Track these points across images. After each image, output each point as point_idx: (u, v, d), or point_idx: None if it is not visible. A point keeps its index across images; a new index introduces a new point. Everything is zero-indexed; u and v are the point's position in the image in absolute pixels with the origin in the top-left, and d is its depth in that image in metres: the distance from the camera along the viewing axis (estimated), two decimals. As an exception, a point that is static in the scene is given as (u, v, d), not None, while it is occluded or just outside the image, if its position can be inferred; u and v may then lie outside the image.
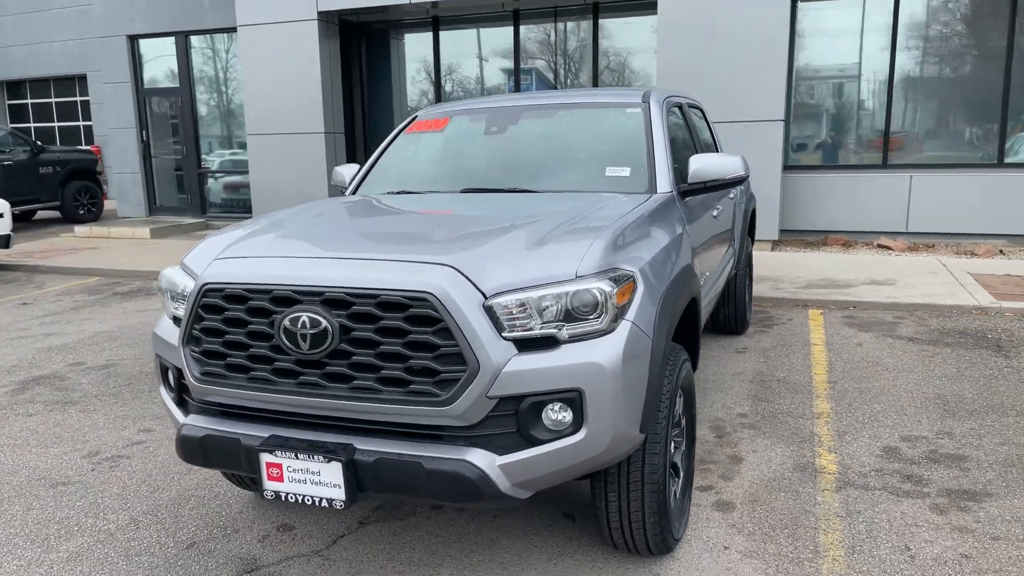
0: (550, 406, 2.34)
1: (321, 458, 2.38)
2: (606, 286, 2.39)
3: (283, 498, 2.47)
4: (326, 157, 11.56)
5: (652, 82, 10.88)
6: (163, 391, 2.93)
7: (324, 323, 2.35)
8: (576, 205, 3.09)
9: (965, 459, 3.75)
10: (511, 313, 2.34)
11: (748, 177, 3.63)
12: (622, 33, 11.29)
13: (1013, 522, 3.14)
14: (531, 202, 3.27)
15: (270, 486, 2.48)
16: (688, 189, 3.59)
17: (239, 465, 2.55)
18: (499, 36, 11.89)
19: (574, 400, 2.34)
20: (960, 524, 3.14)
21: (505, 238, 2.60)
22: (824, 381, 4.94)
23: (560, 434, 2.36)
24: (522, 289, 2.36)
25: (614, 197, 3.29)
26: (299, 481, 2.44)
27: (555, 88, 11.76)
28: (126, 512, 3.45)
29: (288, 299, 2.43)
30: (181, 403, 2.84)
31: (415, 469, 2.31)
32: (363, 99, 12.79)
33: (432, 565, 2.96)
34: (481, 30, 12.07)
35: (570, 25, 11.53)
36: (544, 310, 2.35)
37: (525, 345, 2.35)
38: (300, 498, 2.45)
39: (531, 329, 2.34)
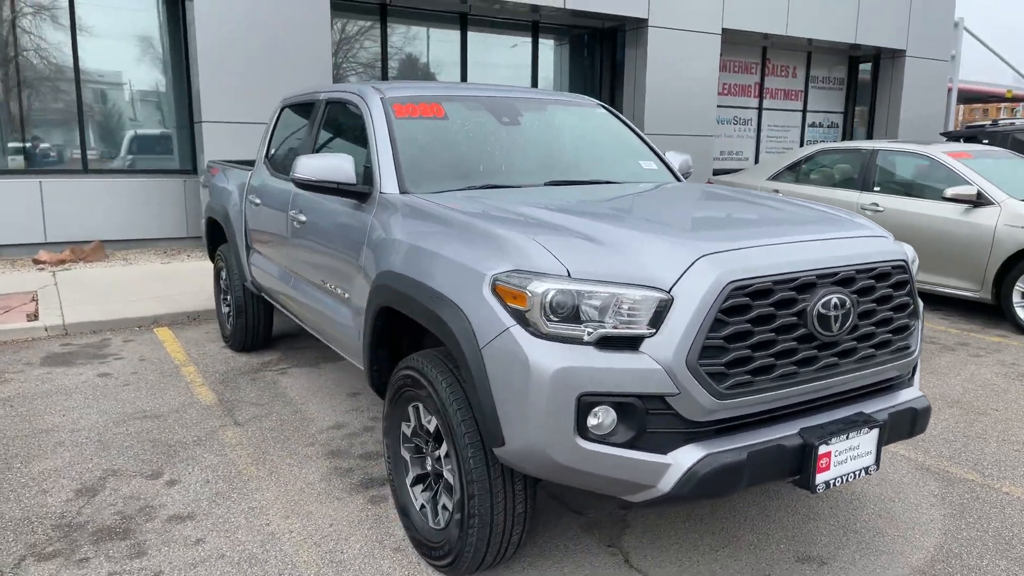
0: None
1: (865, 430, 2.46)
2: None
3: (829, 487, 2.40)
4: None
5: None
6: (588, 443, 2.21)
7: (848, 302, 2.43)
8: (693, 192, 3.47)
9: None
10: None
11: None
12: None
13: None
14: (658, 193, 3.45)
15: (820, 478, 2.39)
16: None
17: (781, 472, 2.36)
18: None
19: None
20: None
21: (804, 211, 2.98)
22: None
23: None
24: None
25: (690, 184, 3.79)
26: (842, 463, 2.44)
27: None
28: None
29: (811, 285, 2.39)
30: (632, 443, 2.24)
31: (911, 415, 2.66)
32: None
33: (766, 545, 3.01)
34: None
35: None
36: None
37: None
38: (844, 479, 2.45)
39: None
